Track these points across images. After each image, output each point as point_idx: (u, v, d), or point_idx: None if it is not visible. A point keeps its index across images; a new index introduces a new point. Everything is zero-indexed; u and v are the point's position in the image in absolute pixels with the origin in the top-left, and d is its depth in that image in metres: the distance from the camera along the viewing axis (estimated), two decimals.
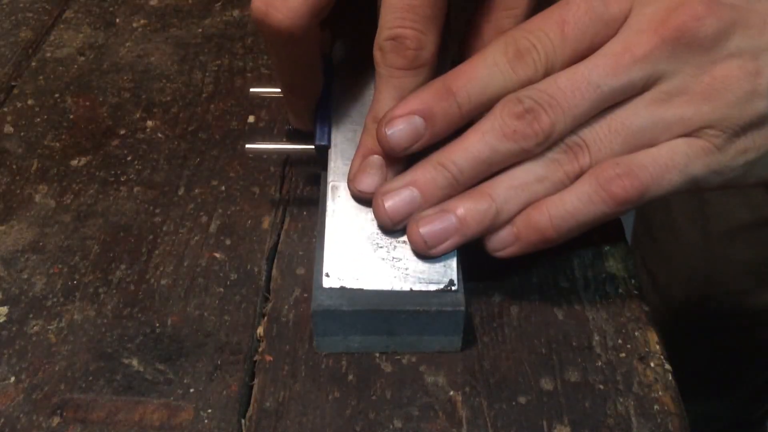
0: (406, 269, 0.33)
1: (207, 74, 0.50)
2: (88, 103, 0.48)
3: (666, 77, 0.32)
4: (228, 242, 0.39)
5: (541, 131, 0.32)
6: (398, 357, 0.34)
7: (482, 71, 0.33)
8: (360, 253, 0.34)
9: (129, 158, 0.44)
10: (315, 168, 0.42)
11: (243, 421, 0.32)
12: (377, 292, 0.33)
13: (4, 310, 0.36)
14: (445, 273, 0.33)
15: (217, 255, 0.38)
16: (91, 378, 0.33)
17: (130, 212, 0.41)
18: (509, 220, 0.33)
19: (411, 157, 0.34)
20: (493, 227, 0.33)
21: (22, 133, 0.46)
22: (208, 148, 0.44)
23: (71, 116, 0.47)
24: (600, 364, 0.33)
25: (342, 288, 0.33)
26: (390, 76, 0.33)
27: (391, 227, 0.34)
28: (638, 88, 0.32)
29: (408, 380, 0.33)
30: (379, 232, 0.34)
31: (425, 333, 0.33)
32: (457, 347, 0.34)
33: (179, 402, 0.32)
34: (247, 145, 0.39)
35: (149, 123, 0.46)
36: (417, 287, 0.33)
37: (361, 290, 0.33)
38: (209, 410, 0.32)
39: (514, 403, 0.32)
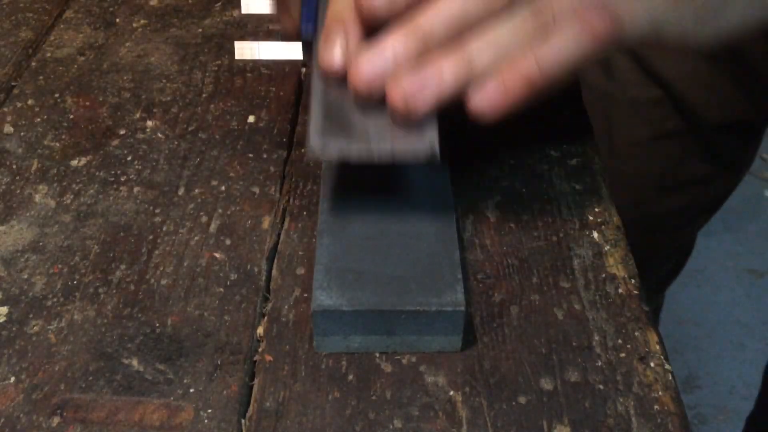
0: (390, 133, 0.34)
1: (207, 74, 0.50)
2: (88, 103, 0.48)
3: None
4: (228, 242, 0.39)
5: None
6: (398, 357, 0.34)
7: None
8: (344, 126, 0.34)
9: (129, 158, 0.44)
10: (315, 168, 0.43)
11: (243, 421, 0.32)
12: (377, 290, 0.33)
13: (4, 310, 0.36)
14: (424, 138, 0.34)
15: (217, 255, 0.38)
16: (91, 378, 0.33)
17: (130, 212, 0.41)
18: (483, 74, 0.34)
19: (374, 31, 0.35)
20: (469, 79, 0.34)
21: (22, 133, 0.46)
22: (208, 148, 0.44)
23: (71, 116, 0.47)
24: (600, 364, 0.33)
25: (334, 154, 0.33)
26: None
27: (367, 95, 0.34)
28: None
29: (408, 380, 0.33)
30: (364, 105, 0.35)
31: (425, 333, 0.33)
32: (457, 347, 0.34)
33: (179, 402, 0.32)
34: (236, 43, 0.44)
35: (149, 123, 0.46)
36: (398, 147, 0.33)
37: (361, 289, 0.33)
38: (209, 410, 0.32)
39: (514, 403, 0.32)
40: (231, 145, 0.45)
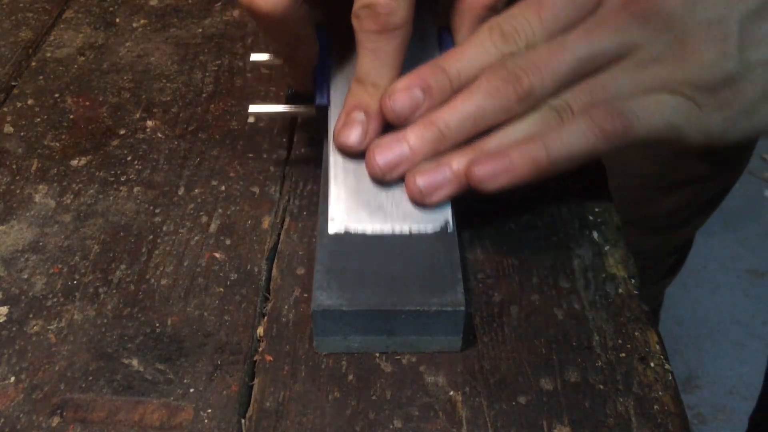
0: (405, 213, 0.36)
1: (207, 74, 0.50)
2: (88, 103, 0.48)
3: (642, 47, 0.35)
4: (228, 242, 0.39)
5: (522, 90, 0.35)
6: (398, 357, 0.34)
7: (470, 51, 0.37)
8: (361, 201, 0.36)
9: (129, 158, 0.44)
10: (315, 167, 0.43)
11: (243, 421, 0.32)
12: (377, 290, 0.33)
13: (4, 310, 0.36)
14: (440, 215, 0.36)
15: (217, 255, 0.38)
16: (91, 378, 0.33)
17: (130, 212, 0.41)
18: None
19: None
20: None
21: (22, 133, 0.46)
22: (208, 148, 0.44)
23: (71, 116, 0.47)
24: (600, 364, 0.33)
25: (347, 233, 0.35)
26: (366, 40, 0.36)
27: (381, 178, 0.36)
28: (612, 55, 0.35)
29: (408, 380, 0.33)
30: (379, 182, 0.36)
31: (425, 333, 0.33)
32: (457, 347, 0.34)
33: (179, 402, 0.32)
34: (251, 107, 0.42)
35: (149, 123, 0.46)
36: (415, 228, 0.35)
37: (361, 289, 0.33)
38: (209, 410, 0.32)
39: (514, 403, 0.32)
40: (231, 145, 0.45)
